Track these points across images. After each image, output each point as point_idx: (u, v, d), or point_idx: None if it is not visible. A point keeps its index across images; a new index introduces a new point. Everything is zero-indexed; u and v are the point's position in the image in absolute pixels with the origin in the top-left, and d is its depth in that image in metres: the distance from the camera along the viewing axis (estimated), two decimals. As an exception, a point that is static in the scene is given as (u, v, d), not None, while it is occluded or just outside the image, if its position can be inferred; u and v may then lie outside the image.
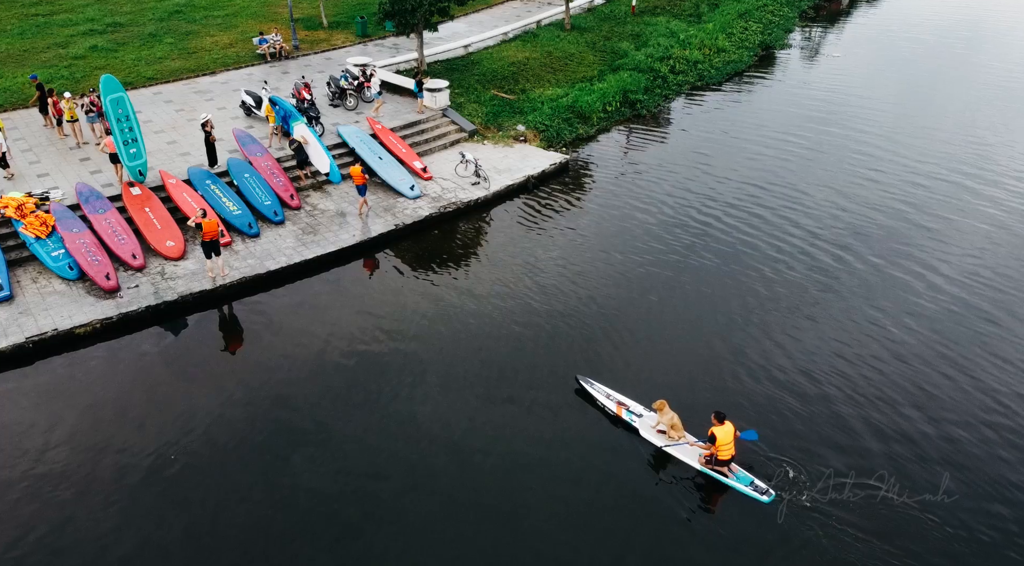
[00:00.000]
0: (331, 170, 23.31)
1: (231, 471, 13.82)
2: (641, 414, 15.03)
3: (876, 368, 16.45)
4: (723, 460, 13.52)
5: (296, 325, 17.73)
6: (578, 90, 30.16)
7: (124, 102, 20.72)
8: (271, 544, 12.50)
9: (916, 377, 16.20)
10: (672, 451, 14.30)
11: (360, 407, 15.34)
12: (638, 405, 15.21)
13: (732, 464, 13.68)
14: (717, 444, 13.34)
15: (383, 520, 12.93)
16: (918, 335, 17.53)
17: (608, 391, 15.51)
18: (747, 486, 13.49)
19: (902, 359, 16.73)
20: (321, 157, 23.35)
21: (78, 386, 15.86)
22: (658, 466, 14.23)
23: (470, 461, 14.07)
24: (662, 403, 14.43)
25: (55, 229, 19.47)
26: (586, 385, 15.66)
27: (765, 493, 13.36)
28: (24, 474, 13.71)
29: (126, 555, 12.29)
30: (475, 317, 18.00)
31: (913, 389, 15.86)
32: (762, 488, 13.43)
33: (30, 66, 30.63)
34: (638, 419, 14.94)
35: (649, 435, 14.61)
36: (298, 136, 23.44)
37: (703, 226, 22.00)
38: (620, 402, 15.24)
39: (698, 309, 18.35)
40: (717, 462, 13.60)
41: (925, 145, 27.69)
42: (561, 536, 12.69)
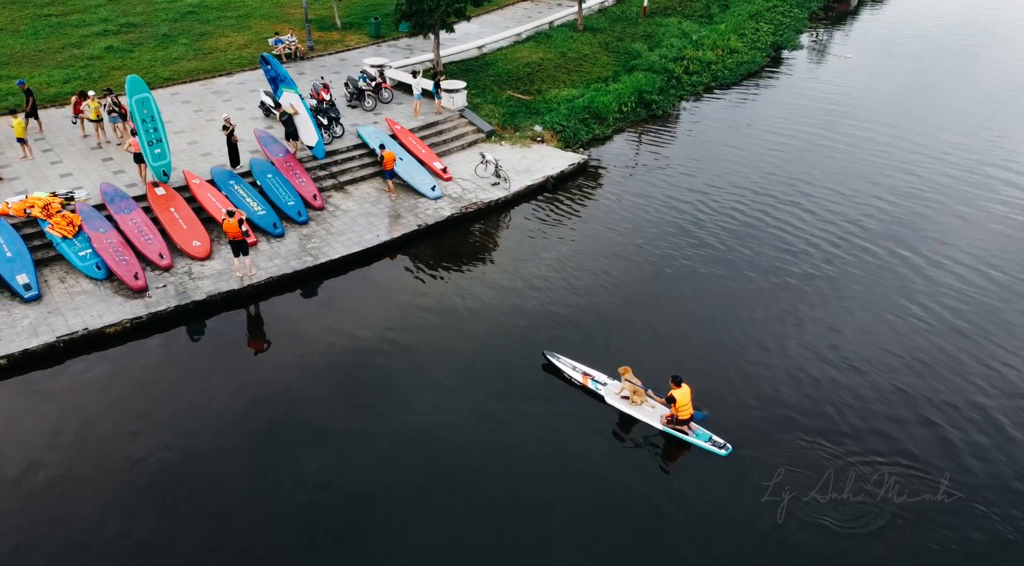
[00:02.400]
0: (317, 145, 23.41)
1: (253, 470, 13.90)
2: (605, 383, 15.87)
3: (877, 367, 16.44)
4: (683, 420, 14.61)
5: (322, 325, 17.77)
6: (593, 91, 30.23)
7: (149, 102, 20.78)
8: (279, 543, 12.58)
9: (917, 377, 16.16)
10: (635, 414, 15.22)
11: (391, 407, 15.41)
12: (602, 374, 16.02)
13: (691, 423, 14.70)
14: (676, 405, 14.43)
15: (406, 515, 13.02)
16: (919, 336, 17.52)
17: (573, 363, 16.26)
18: (706, 442, 14.55)
19: (902, 360, 16.70)
20: (308, 130, 23.35)
21: (107, 385, 15.91)
22: (624, 429, 15.15)
23: (504, 459, 14.19)
24: (626, 369, 15.37)
25: (82, 229, 19.53)
26: (553, 359, 16.37)
27: (723, 447, 14.38)
28: (51, 473, 13.78)
29: (137, 549, 12.38)
30: (506, 315, 18.08)
31: (913, 389, 15.83)
32: (719, 443, 14.47)
33: (46, 67, 30.73)
34: (603, 387, 15.76)
35: (614, 401, 15.50)
36: (286, 105, 23.43)
37: (727, 221, 22.17)
38: (585, 373, 16.01)
39: (725, 306, 18.44)
40: (677, 422, 14.66)
41: (945, 141, 27.90)
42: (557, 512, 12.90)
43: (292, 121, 23.34)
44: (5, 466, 13.88)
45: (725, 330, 17.68)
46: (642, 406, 15.32)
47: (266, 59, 24.15)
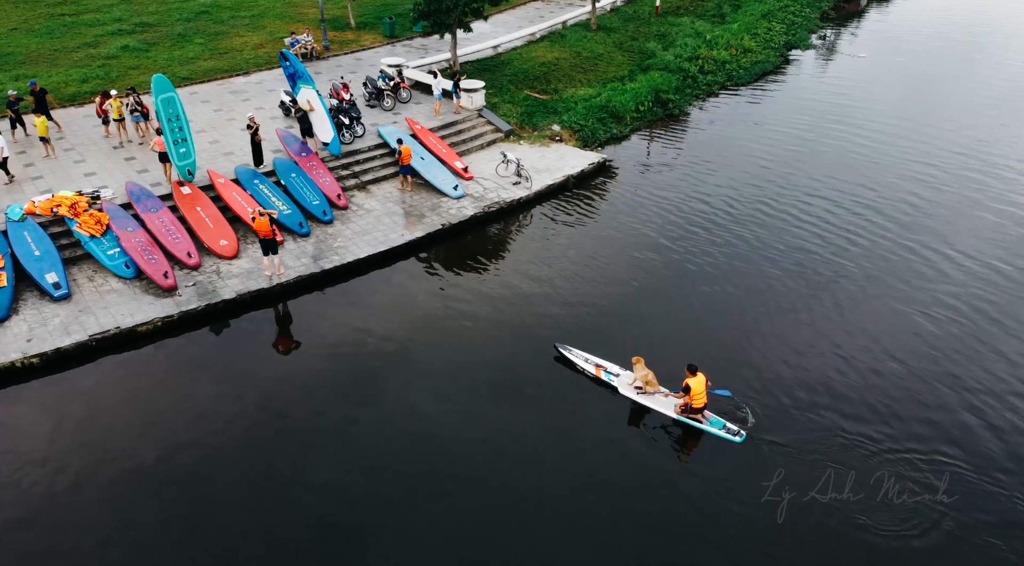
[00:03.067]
0: (332, 141, 23.57)
1: (291, 469, 13.96)
2: (618, 373, 15.95)
3: (877, 366, 16.41)
4: (697, 408, 14.66)
5: (352, 324, 17.81)
6: (610, 90, 30.29)
7: (175, 102, 20.83)
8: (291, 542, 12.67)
9: (917, 376, 16.13)
10: (649, 403, 15.30)
11: (418, 403, 15.47)
12: (614, 365, 16.14)
13: (705, 411, 14.75)
14: (691, 393, 14.47)
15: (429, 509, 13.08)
16: (922, 335, 17.51)
17: (586, 355, 16.37)
18: (720, 429, 14.62)
19: (901, 359, 16.63)
20: (324, 126, 23.51)
21: (140, 383, 15.98)
22: (638, 418, 15.24)
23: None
24: (639, 359, 15.44)
25: (109, 228, 19.58)
26: (565, 351, 16.51)
27: (736, 434, 14.45)
28: (84, 468, 13.84)
29: (168, 544, 12.45)
30: (531, 313, 18.12)
31: (913, 388, 15.79)
32: (733, 430, 14.53)
33: (63, 66, 30.78)
34: (616, 378, 15.86)
35: (627, 391, 15.61)
36: (303, 101, 23.62)
37: (752, 217, 22.24)
38: (598, 364, 16.11)
39: (747, 301, 18.49)
40: (692, 410, 14.72)
41: (968, 136, 28.03)
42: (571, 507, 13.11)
43: (307, 117, 23.52)
44: (41, 464, 13.93)
45: (744, 325, 17.71)
46: (655, 395, 15.40)
47: (284, 55, 24.40)
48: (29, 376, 16.11)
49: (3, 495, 13.32)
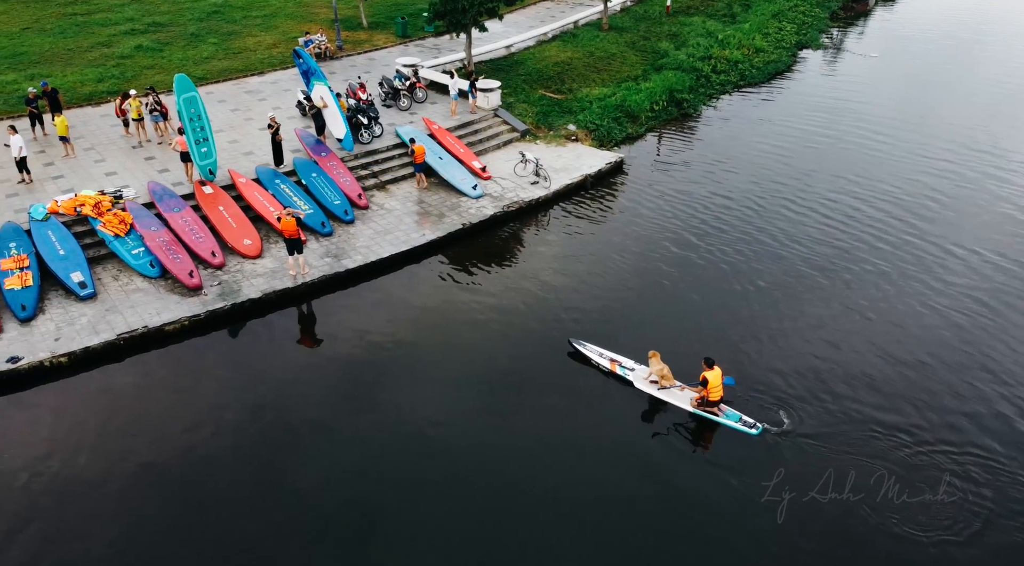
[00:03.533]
0: (345, 138, 23.73)
1: (324, 467, 14.02)
2: (633, 368, 16.02)
3: (878, 366, 16.46)
4: (713, 401, 14.77)
5: (377, 323, 17.86)
6: (625, 89, 30.34)
7: (196, 101, 20.87)
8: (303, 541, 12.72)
9: (917, 376, 16.16)
10: (665, 397, 15.39)
11: (440, 400, 15.53)
12: (629, 360, 16.22)
13: (721, 404, 14.86)
14: (709, 386, 14.58)
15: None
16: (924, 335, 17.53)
17: (600, 350, 16.49)
18: (736, 422, 14.70)
19: (902, 359, 16.69)
20: (337, 123, 23.66)
21: (169, 381, 16.04)
22: (654, 412, 15.37)
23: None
24: (655, 353, 15.53)
25: (133, 227, 19.60)
26: (579, 347, 16.60)
27: (753, 427, 14.57)
28: (108, 467, 13.89)
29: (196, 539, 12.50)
30: (559, 310, 18.17)
31: (913, 388, 15.83)
32: (750, 423, 14.63)
33: (77, 65, 30.79)
34: (631, 372, 15.94)
35: (643, 386, 15.67)
36: (317, 98, 23.85)
37: (773, 215, 22.33)
38: (613, 359, 16.21)
39: (768, 300, 18.57)
40: (708, 403, 14.83)
41: (979, 135, 28.11)
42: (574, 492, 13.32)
43: (321, 114, 23.66)
44: (80, 459, 13.98)
45: (766, 323, 17.79)
46: (671, 389, 15.46)
47: (298, 53, 24.56)
48: (57, 375, 16.14)
49: (37, 490, 13.37)
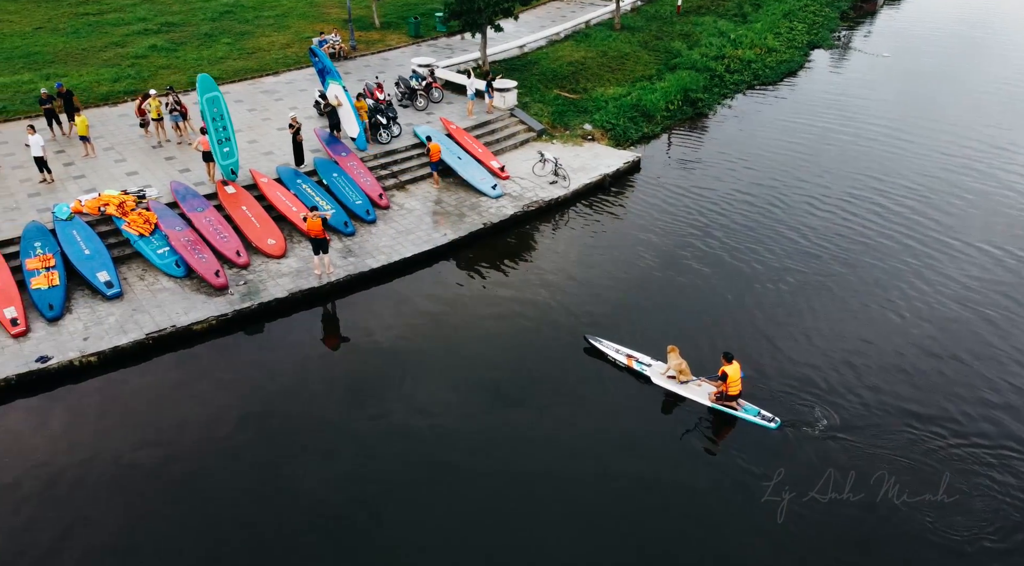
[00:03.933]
0: (358, 136, 23.89)
1: (356, 465, 14.07)
2: (650, 364, 16.11)
3: (878, 366, 16.45)
4: (732, 395, 14.81)
5: (399, 322, 17.90)
6: (640, 89, 30.39)
7: (219, 101, 20.91)
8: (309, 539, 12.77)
9: (918, 376, 16.17)
10: (683, 392, 15.46)
11: (464, 397, 15.59)
12: (645, 356, 16.31)
13: (739, 399, 14.93)
14: (728, 381, 14.64)
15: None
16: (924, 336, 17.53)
17: (617, 346, 16.55)
18: (755, 416, 14.78)
19: (900, 359, 16.70)
20: (351, 121, 23.76)
21: (198, 381, 16.08)
22: (671, 407, 15.47)
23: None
24: (673, 348, 15.62)
25: (158, 227, 19.65)
26: (595, 343, 16.69)
27: (771, 420, 14.64)
28: (131, 464, 13.94)
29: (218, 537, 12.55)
30: (577, 309, 18.21)
31: (914, 388, 15.83)
32: (768, 417, 14.71)
33: (92, 65, 30.84)
34: (648, 368, 16.02)
35: (661, 381, 15.75)
36: (332, 97, 23.94)
37: (798, 213, 22.41)
38: (629, 354, 16.30)
39: (790, 296, 18.62)
40: (727, 398, 14.86)
41: (999, 134, 28.25)
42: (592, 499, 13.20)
43: (336, 113, 23.71)
44: (103, 460, 14.03)
45: (797, 321, 17.81)
46: (689, 384, 15.52)
47: (314, 52, 24.63)
48: (86, 375, 16.18)
49: (91, 483, 13.44)
